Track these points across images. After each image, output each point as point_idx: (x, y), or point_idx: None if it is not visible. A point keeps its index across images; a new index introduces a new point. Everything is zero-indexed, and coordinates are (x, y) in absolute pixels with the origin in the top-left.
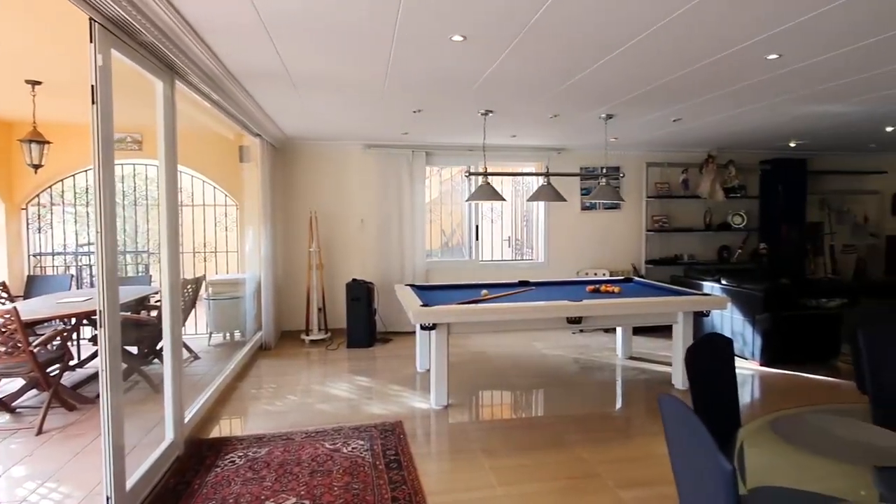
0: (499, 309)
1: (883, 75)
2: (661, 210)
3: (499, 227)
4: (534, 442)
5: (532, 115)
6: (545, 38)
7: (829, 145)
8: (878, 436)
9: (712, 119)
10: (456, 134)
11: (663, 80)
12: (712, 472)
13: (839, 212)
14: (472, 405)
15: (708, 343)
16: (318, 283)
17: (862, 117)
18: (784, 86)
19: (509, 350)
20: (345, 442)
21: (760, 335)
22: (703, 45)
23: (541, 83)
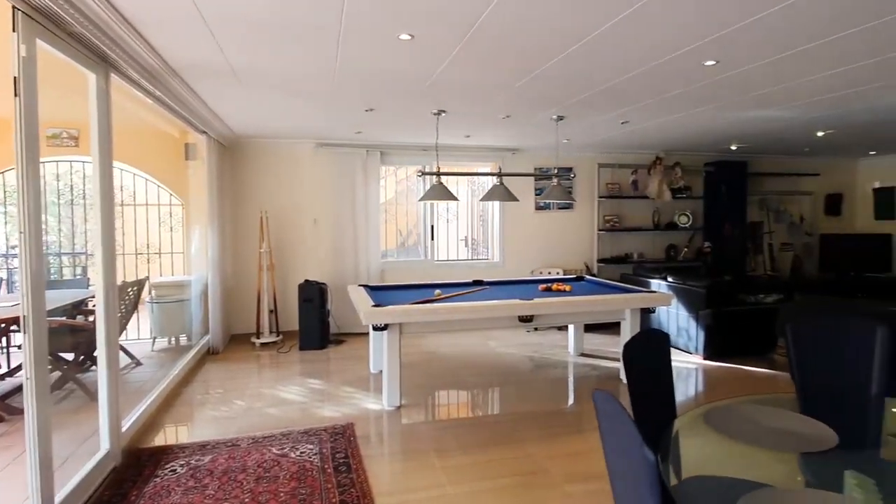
0: (451, 308)
1: (811, 82)
2: (613, 210)
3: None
4: (486, 440)
5: (485, 116)
6: (492, 40)
7: (767, 149)
8: (803, 424)
9: (658, 122)
10: (410, 133)
11: (608, 84)
12: (638, 463)
13: (777, 212)
14: (425, 405)
15: (645, 338)
16: (269, 284)
17: (794, 122)
18: (721, 91)
19: (464, 349)
20: (293, 446)
21: (703, 330)
22: (644, 50)
23: (491, 84)
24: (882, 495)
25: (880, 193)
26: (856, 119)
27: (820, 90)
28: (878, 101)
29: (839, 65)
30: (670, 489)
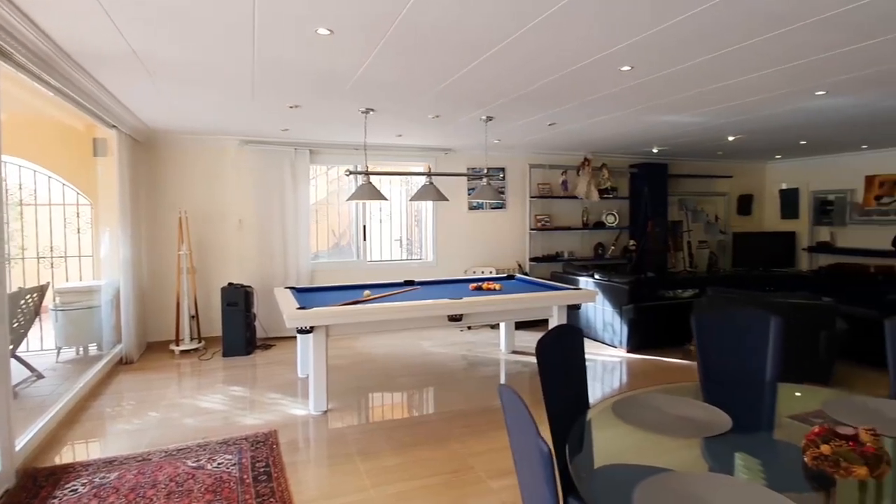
0: (378, 309)
1: (719, 89)
2: (544, 210)
3: (389, 227)
4: (414, 440)
5: (414, 116)
6: (413, 40)
7: (685, 152)
8: (701, 410)
9: (583, 125)
10: (340, 132)
11: (531, 87)
12: (535, 455)
13: (694, 211)
14: (354, 408)
15: (557, 335)
16: (189, 288)
17: (707, 127)
18: (638, 96)
19: (396, 350)
20: (210, 458)
21: (627, 324)
22: (561, 55)
23: (417, 84)
24: (765, 474)
25: (785, 194)
26: (762, 125)
27: (728, 97)
28: (780, 108)
29: (744, 73)
30: (575, 478)
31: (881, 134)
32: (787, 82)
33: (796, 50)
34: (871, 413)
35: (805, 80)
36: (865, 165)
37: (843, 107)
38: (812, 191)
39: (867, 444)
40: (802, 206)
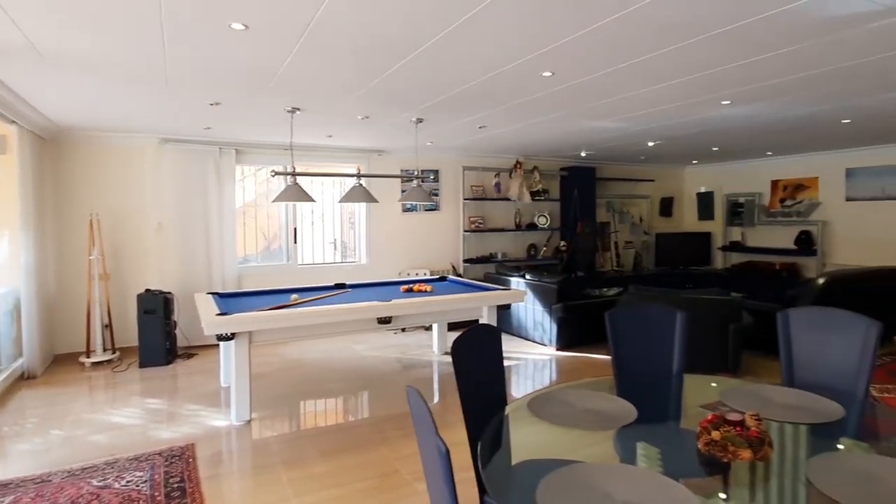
0: (304, 313)
1: (634, 98)
2: (477, 211)
3: (322, 229)
4: (341, 447)
5: (343, 116)
6: (334, 39)
7: (611, 156)
8: (610, 403)
9: (513, 128)
10: (267, 131)
11: (457, 90)
12: (435, 454)
13: (621, 213)
14: (279, 417)
15: (473, 335)
16: (102, 295)
17: (628, 133)
18: (561, 102)
19: (328, 355)
20: (118, 476)
21: (556, 323)
22: (485, 58)
23: (343, 83)
24: (664, 462)
25: (702, 197)
26: (677, 132)
27: (643, 105)
28: (691, 116)
29: (655, 82)
30: (484, 476)
31: (782, 142)
32: (694, 92)
33: (701, 62)
34: (763, 399)
35: (710, 90)
36: (771, 171)
37: (746, 116)
38: (725, 194)
39: (752, 428)
40: (717, 209)
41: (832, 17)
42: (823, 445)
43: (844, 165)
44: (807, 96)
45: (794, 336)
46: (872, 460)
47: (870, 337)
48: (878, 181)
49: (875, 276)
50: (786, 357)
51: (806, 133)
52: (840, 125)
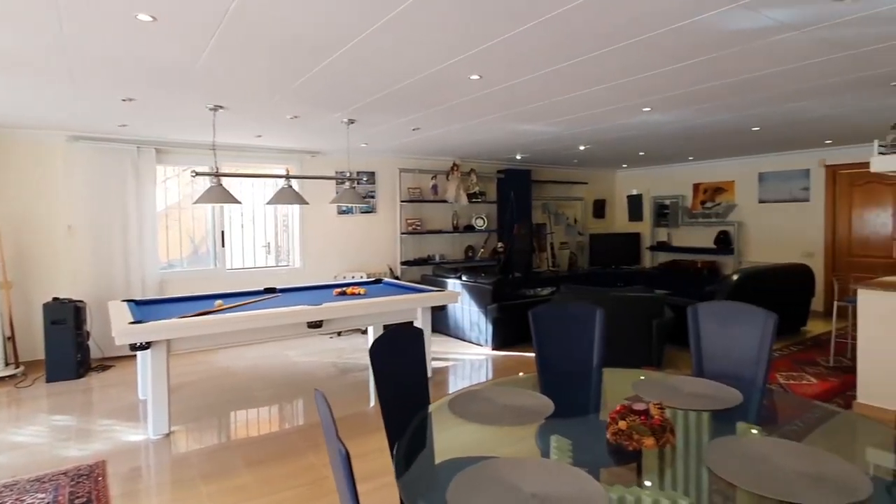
0: (227, 320)
1: (560, 103)
2: (415, 213)
3: (253, 232)
4: (268, 456)
5: (270, 115)
6: (253, 34)
7: (545, 159)
8: (529, 398)
9: (447, 130)
10: (190, 130)
11: (387, 91)
12: (336, 456)
13: (556, 214)
14: (203, 428)
15: (393, 336)
16: (3, 305)
17: (559, 136)
18: (491, 105)
19: (258, 362)
20: (17, 499)
21: (491, 323)
22: (413, 59)
23: (267, 81)
24: (575, 453)
25: (632, 199)
26: (605, 136)
27: (570, 110)
28: (616, 122)
29: (578, 88)
30: (398, 478)
31: (701, 147)
32: (617, 99)
33: (619, 69)
34: (672, 389)
35: (632, 97)
36: (693, 174)
37: (666, 122)
38: (653, 196)
39: (655, 417)
40: (646, 210)
41: (733, 31)
42: (722, 430)
43: (757, 170)
44: (718, 105)
45: (703, 329)
46: (764, 442)
47: (767, 327)
48: (786, 185)
49: (783, 271)
50: (695, 349)
51: (721, 139)
52: (750, 132)
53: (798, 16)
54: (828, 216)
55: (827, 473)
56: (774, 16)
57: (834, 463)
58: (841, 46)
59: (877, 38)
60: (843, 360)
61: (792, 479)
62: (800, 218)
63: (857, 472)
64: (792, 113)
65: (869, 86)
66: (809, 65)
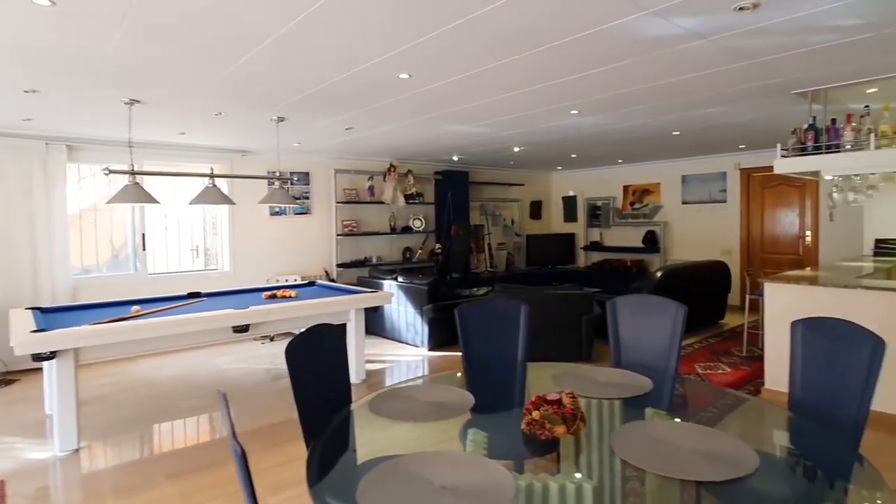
0: (141, 326)
1: (490, 104)
2: (351, 215)
3: (178, 234)
4: (191, 467)
5: (193, 111)
6: (165, 22)
7: (482, 161)
8: (449, 394)
9: (381, 130)
10: (105, 125)
11: (316, 88)
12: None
13: (493, 216)
14: (118, 443)
15: (310, 336)
16: None
17: (494, 138)
18: (422, 106)
19: (185, 371)
20: None
21: (427, 324)
22: (340, 56)
23: (186, 74)
24: (492, 446)
25: (567, 201)
26: (537, 138)
27: (501, 111)
28: (547, 124)
29: (504, 91)
30: (319, 482)
31: (628, 150)
32: (544, 101)
33: (543, 72)
34: (589, 380)
35: (559, 100)
36: (622, 176)
37: (593, 125)
38: (586, 198)
39: (567, 405)
40: (580, 211)
41: (646, 38)
42: (633, 416)
43: (681, 173)
44: (639, 109)
45: (620, 321)
46: (666, 425)
47: (678, 318)
48: (706, 187)
49: (702, 268)
50: (613, 341)
51: (646, 143)
52: (671, 136)
53: (703, 25)
54: (743, 216)
55: (720, 451)
56: (682, 24)
57: (727, 441)
58: (743, 55)
59: (776, 48)
60: (754, 350)
61: (688, 458)
62: (718, 218)
63: (747, 449)
64: (706, 118)
65: (772, 93)
66: (717, 73)
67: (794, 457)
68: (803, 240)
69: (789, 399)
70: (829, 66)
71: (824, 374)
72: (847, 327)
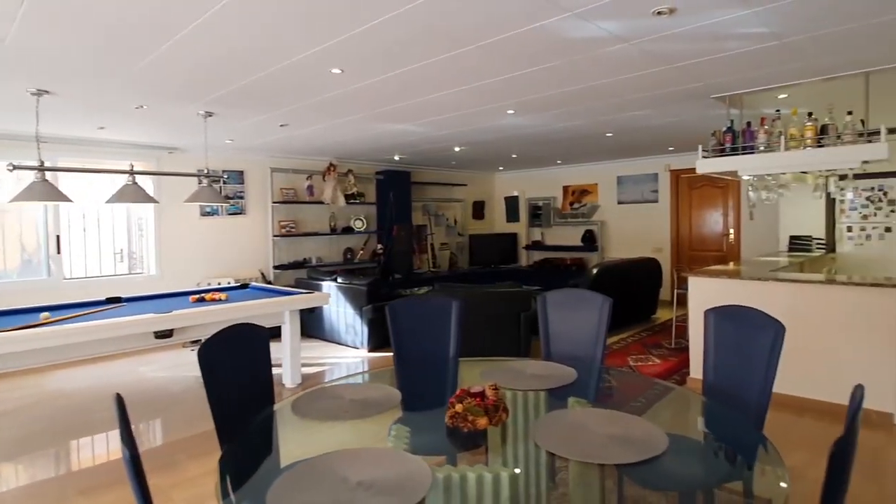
0: (51, 333)
1: (428, 101)
2: (289, 215)
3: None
4: (105, 482)
5: (111, 104)
6: (72, 5)
7: (424, 161)
8: (375, 391)
9: (317, 128)
10: (10, 118)
11: (245, 82)
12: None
13: (436, 216)
14: (25, 461)
15: (228, 335)
16: None
17: (433, 137)
18: (357, 103)
19: (102, 382)
20: None
21: (367, 325)
22: (267, 47)
23: (99, 63)
24: (413, 440)
25: (509, 201)
26: (476, 138)
27: (437, 110)
28: (485, 123)
29: (439, 89)
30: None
31: (566, 151)
32: (479, 100)
33: (474, 71)
34: (516, 372)
35: (493, 99)
36: (562, 177)
37: (529, 125)
38: (528, 198)
39: (490, 397)
40: (522, 211)
41: (571, 40)
42: (557, 406)
43: (616, 174)
44: (572, 111)
45: (550, 315)
46: (585, 413)
47: (604, 311)
48: (639, 187)
49: (635, 265)
50: (544, 334)
51: (581, 144)
52: (606, 138)
53: (625, 28)
54: (673, 215)
55: (633, 435)
56: (605, 27)
57: (640, 425)
58: (664, 60)
59: (694, 54)
60: (682, 342)
61: (603, 443)
62: (651, 217)
63: (658, 431)
64: (636, 121)
65: (693, 98)
66: (642, 76)
67: (705, 438)
68: (727, 237)
69: (703, 384)
70: (743, 72)
71: (733, 359)
72: (752, 314)
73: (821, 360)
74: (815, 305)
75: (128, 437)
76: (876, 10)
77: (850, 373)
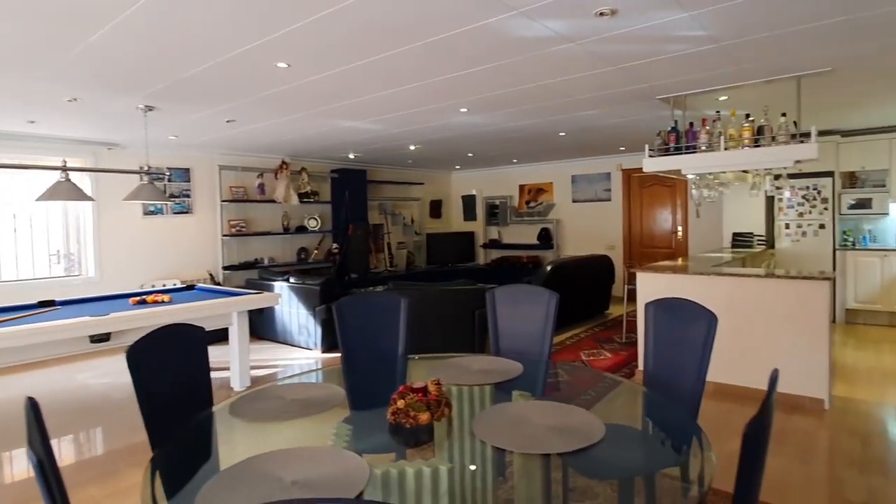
0: None
1: (378, 98)
2: (239, 214)
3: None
4: (28, 497)
5: (40, 96)
6: None
7: (379, 159)
8: (321, 390)
9: (266, 124)
10: None
11: (187, 74)
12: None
13: (393, 215)
14: None
15: (160, 335)
16: None
17: (388, 135)
18: (305, 99)
19: (34, 390)
20: None
21: (320, 325)
22: (209, 37)
23: (21, 52)
24: (355, 438)
25: (466, 200)
26: (431, 136)
27: (388, 107)
28: (438, 122)
29: (388, 86)
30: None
31: (521, 150)
32: (431, 98)
33: (422, 69)
34: (463, 368)
35: (445, 97)
36: (518, 176)
37: (483, 124)
38: (485, 197)
39: (432, 393)
40: (479, 210)
41: (517, 38)
42: (503, 400)
43: (571, 173)
44: (523, 110)
45: (499, 311)
46: (525, 406)
47: (551, 305)
48: (593, 186)
49: (588, 262)
50: (493, 329)
51: (535, 143)
52: (559, 137)
53: (569, 28)
54: (624, 214)
55: (571, 424)
56: (550, 26)
57: (578, 415)
58: (609, 61)
59: (637, 55)
60: (632, 336)
61: (542, 434)
62: (604, 215)
63: (596, 421)
64: (586, 120)
65: (639, 98)
66: (589, 76)
67: (643, 427)
68: (675, 234)
69: (644, 374)
70: (685, 74)
71: (671, 350)
72: (687, 305)
73: (760, 350)
74: (754, 298)
75: (41, 442)
76: (806, 17)
77: (786, 362)
